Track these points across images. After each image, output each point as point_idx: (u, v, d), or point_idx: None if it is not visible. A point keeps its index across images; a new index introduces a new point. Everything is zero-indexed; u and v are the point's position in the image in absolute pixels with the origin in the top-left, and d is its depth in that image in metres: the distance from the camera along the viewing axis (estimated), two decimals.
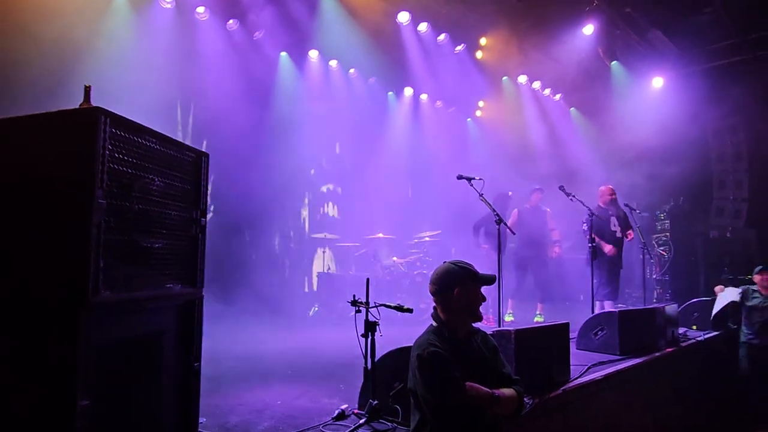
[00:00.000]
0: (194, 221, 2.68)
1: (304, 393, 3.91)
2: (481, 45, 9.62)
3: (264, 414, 3.35)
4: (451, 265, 2.55)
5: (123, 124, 2.16)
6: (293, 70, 8.92)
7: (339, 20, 8.13)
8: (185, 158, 2.63)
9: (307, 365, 4.86)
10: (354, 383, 3.63)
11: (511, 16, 8.36)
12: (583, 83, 10.56)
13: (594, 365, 4.64)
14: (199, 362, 2.65)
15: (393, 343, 3.28)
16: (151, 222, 2.37)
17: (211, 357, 3.27)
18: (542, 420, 3.54)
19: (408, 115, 10.85)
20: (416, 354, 2.40)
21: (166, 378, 2.45)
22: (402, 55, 9.14)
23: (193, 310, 2.65)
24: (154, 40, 6.65)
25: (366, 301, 3.15)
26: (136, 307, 2.29)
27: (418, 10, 8.55)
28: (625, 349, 5.08)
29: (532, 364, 3.65)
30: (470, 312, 2.51)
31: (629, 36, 9.26)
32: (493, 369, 2.54)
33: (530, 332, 3.83)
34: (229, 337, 5.80)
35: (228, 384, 4.05)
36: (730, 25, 8.63)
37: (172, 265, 2.52)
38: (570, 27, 8.71)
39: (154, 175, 2.38)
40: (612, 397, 4.48)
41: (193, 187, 2.68)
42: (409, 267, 8.41)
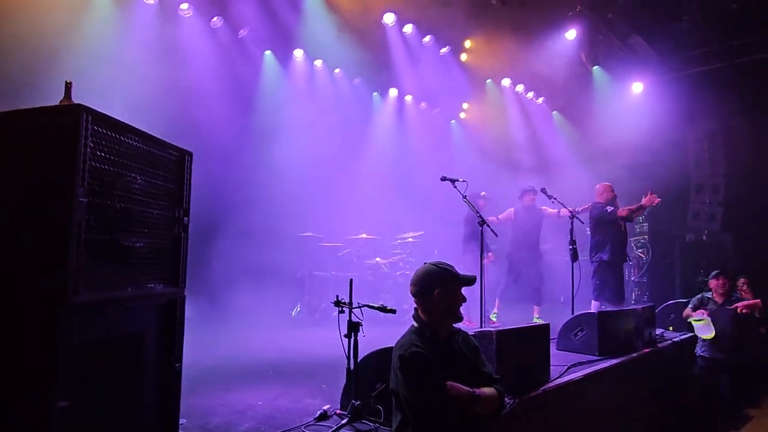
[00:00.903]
0: (177, 220, 2.66)
1: (286, 393, 3.90)
2: (466, 47, 9.68)
3: (245, 415, 3.34)
4: (432, 267, 2.57)
5: (105, 121, 2.14)
6: (278, 69, 8.87)
7: (324, 20, 8.11)
8: (168, 157, 2.62)
9: (288, 365, 4.85)
10: (336, 383, 3.64)
11: (495, 19, 8.42)
12: (566, 87, 10.70)
13: (573, 365, 4.71)
14: (181, 363, 2.64)
15: (375, 343, 3.29)
16: (133, 221, 2.35)
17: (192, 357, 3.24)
18: (522, 419, 3.58)
19: (392, 116, 10.88)
20: (398, 355, 2.42)
21: (147, 378, 2.44)
22: (387, 56, 9.15)
23: (174, 309, 2.63)
24: (136, 36, 6.55)
25: (349, 302, 3.16)
26: (116, 306, 2.27)
27: (404, 12, 8.57)
28: (604, 350, 5.16)
29: (512, 365, 3.69)
30: (450, 313, 2.53)
31: (611, 41, 9.41)
32: (474, 369, 2.57)
33: (511, 333, 3.87)
34: (210, 337, 5.76)
35: (209, 384, 4.03)
36: (708, 33, 8.82)
37: (154, 265, 2.51)
38: (553, 31, 8.82)
39: (136, 174, 2.36)
40: (591, 397, 4.55)
41: (176, 185, 2.67)
42: (392, 267, 8.43)
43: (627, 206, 6.81)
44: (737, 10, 8.01)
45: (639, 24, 8.92)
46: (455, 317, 2.55)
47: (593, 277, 6.81)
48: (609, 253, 6.70)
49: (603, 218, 6.78)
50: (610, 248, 6.71)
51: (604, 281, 6.75)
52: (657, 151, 9.93)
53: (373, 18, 8.49)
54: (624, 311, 5.72)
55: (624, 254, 7.02)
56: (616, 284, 6.83)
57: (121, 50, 6.29)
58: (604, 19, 8.79)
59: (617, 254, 6.80)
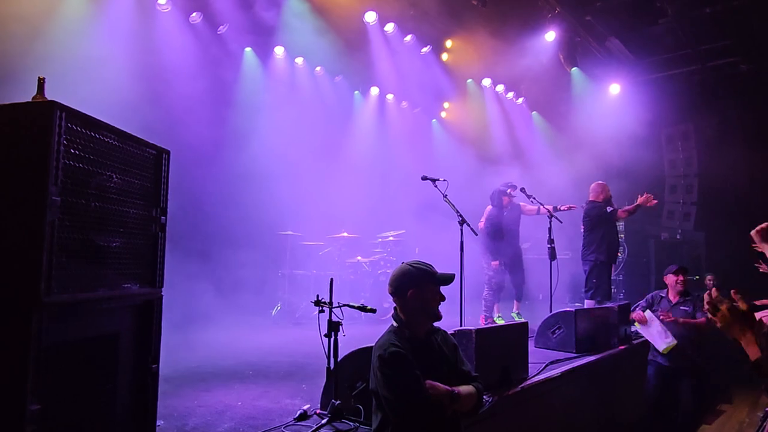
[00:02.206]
0: (154, 219, 2.63)
1: (266, 393, 3.87)
2: (447, 47, 9.73)
3: (224, 415, 3.31)
4: (407, 267, 2.57)
5: (79, 119, 2.10)
6: (258, 66, 8.79)
7: (305, 17, 8.07)
8: (145, 155, 2.58)
9: (268, 365, 4.81)
10: (316, 383, 3.64)
11: (476, 20, 8.48)
12: (545, 88, 10.84)
13: (551, 363, 4.79)
14: (158, 363, 2.60)
15: (356, 341, 3.30)
16: (108, 220, 2.31)
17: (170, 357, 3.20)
18: (501, 416, 3.62)
19: (373, 115, 10.87)
20: (377, 354, 2.43)
21: (122, 380, 2.40)
22: (368, 54, 9.14)
23: (151, 310, 2.59)
24: (112, 31, 6.39)
25: (329, 301, 3.15)
26: (91, 307, 2.22)
27: (385, 11, 8.58)
28: (581, 347, 5.26)
29: (491, 362, 3.74)
30: (427, 312, 2.53)
31: (589, 43, 9.55)
32: (453, 367, 2.59)
33: (490, 331, 3.92)
34: (188, 336, 5.68)
35: (187, 385, 3.98)
36: (682, 37, 9.02)
37: (130, 265, 2.47)
38: (533, 33, 8.92)
39: (112, 172, 2.32)
40: (568, 393, 4.63)
41: (153, 184, 2.63)
42: (372, 266, 8.44)
43: (622, 207, 6.93)
44: (710, 14, 8.20)
45: (616, 27, 9.07)
46: (432, 316, 2.55)
47: (589, 277, 6.79)
48: (606, 254, 6.70)
49: (602, 217, 6.76)
50: (606, 248, 6.72)
51: (600, 281, 6.73)
52: (633, 151, 10.12)
53: (354, 16, 8.47)
54: (600, 309, 5.84)
55: (616, 255, 7.11)
56: (608, 284, 6.93)
57: (96, 46, 6.14)
58: (582, 21, 8.92)
59: (612, 255, 6.89)
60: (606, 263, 6.74)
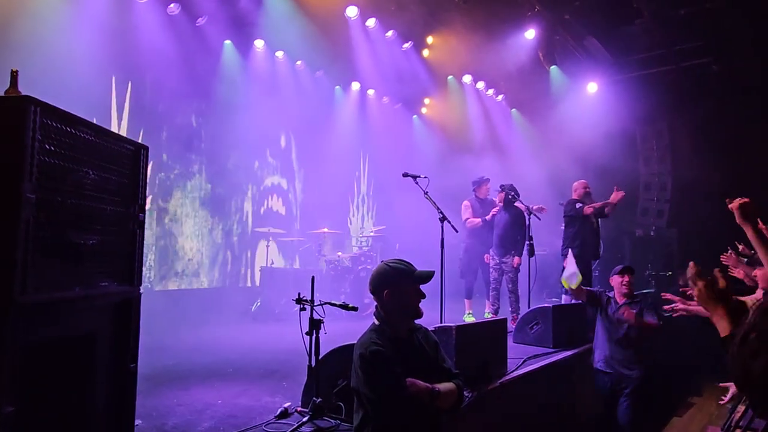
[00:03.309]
0: (132, 216, 2.58)
1: (246, 391, 3.85)
2: (428, 43, 9.75)
3: (204, 414, 3.28)
4: (384, 266, 2.56)
5: (55, 114, 2.05)
6: (237, 60, 8.68)
7: (286, 10, 7.99)
8: (123, 151, 2.53)
9: (248, 362, 4.77)
10: (297, 380, 3.63)
11: (457, 17, 8.52)
12: (524, 85, 10.94)
13: (529, 358, 4.87)
14: (136, 363, 2.56)
15: (337, 338, 3.30)
16: (85, 217, 2.27)
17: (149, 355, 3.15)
18: (481, 412, 3.67)
19: (354, 110, 10.85)
20: (359, 353, 2.43)
21: (100, 380, 2.36)
22: (349, 49, 9.11)
23: (129, 308, 2.55)
24: (86, 23, 6.22)
25: (311, 299, 3.15)
26: (67, 306, 2.18)
27: (367, 6, 8.55)
28: (558, 342, 5.35)
29: (471, 359, 3.77)
30: (405, 311, 2.52)
31: (567, 42, 9.68)
32: (434, 364, 2.60)
33: (470, 328, 3.96)
34: (167, 334, 5.61)
35: (166, 384, 3.93)
36: (657, 37, 9.20)
37: (108, 263, 2.42)
38: (513, 31, 9.00)
39: (89, 168, 2.27)
40: (546, 388, 4.71)
41: (131, 180, 2.58)
42: (353, 262, 8.44)
43: (592, 204, 7.03)
44: (685, 15, 8.37)
45: (594, 26, 9.21)
46: (412, 314, 2.54)
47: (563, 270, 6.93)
48: (578, 249, 6.87)
49: (571, 214, 6.98)
50: (579, 245, 6.87)
51: None
52: (609, 149, 10.29)
53: (336, 10, 8.42)
54: (576, 305, 5.94)
55: (595, 251, 7.20)
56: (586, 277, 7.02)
57: (69, 38, 5.96)
58: (561, 20, 9.03)
59: (587, 250, 7.00)
60: (577, 257, 6.87)
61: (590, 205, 6.92)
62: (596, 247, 7.17)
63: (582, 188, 7.14)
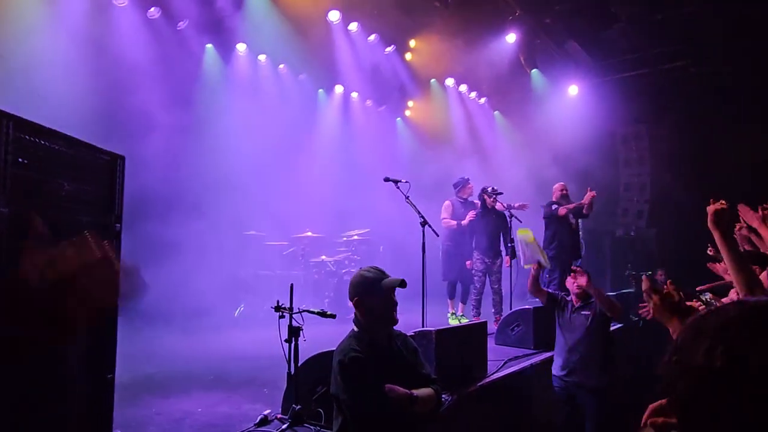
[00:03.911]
0: (108, 227, 2.58)
1: (226, 399, 3.84)
2: (411, 47, 9.80)
3: (183, 423, 3.27)
4: (359, 273, 2.60)
5: (29, 128, 2.05)
6: (219, 64, 8.64)
7: (268, 14, 7.98)
8: (98, 162, 2.53)
9: (229, 369, 4.75)
10: (279, 386, 3.63)
11: (438, 21, 8.58)
12: (507, 88, 11.06)
13: (510, 360, 4.93)
14: (113, 373, 2.56)
15: (319, 342, 3.31)
16: (60, 229, 2.26)
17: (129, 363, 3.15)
18: (460, 415, 3.71)
19: (338, 113, 10.85)
20: (338, 359, 2.46)
21: (76, 392, 2.35)
22: (332, 52, 9.12)
23: (106, 319, 2.55)
24: (64, 27, 6.15)
25: (290, 307, 3.16)
26: None
27: (349, 10, 8.57)
28: (538, 343, 5.43)
29: (451, 362, 3.82)
30: (379, 318, 2.54)
31: (548, 45, 9.80)
32: (413, 370, 2.63)
33: (450, 331, 4.01)
34: (148, 341, 5.57)
35: (145, 392, 3.91)
36: (636, 41, 9.36)
37: None
38: (494, 35, 9.09)
39: (64, 180, 2.27)
40: (526, 389, 4.77)
41: (108, 191, 2.58)
42: (337, 266, 8.44)
43: (567, 205, 7.16)
44: (661, 20, 8.53)
45: (574, 30, 9.34)
46: (386, 321, 2.56)
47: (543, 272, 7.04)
48: (556, 250, 7.02)
49: (551, 216, 7.16)
50: (557, 244, 7.05)
51: (551, 276, 7.05)
52: (590, 150, 10.44)
53: (318, 15, 8.43)
54: None
55: (575, 251, 7.29)
56: (561, 278, 7.09)
57: (48, 43, 5.89)
58: (541, 24, 9.14)
59: (564, 250, 7.10)
60: (556, 258, 6.99)
61: (564, 206, 7.04)
62: (575, 247, 7.29)
63: (559, 190, 7.31)
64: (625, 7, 8.27)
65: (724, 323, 0.72)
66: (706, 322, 0.74)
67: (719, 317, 0.73)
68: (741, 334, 0.69)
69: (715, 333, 0.71)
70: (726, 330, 0.70)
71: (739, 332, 0.69)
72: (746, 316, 0.71)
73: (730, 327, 0.71)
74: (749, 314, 0.71)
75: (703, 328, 0.73)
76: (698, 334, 0.73)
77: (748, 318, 0.71)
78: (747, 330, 0.69)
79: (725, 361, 0.68)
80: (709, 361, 0.69)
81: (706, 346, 0.70)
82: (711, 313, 0.76)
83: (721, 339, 0.70)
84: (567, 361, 4.42)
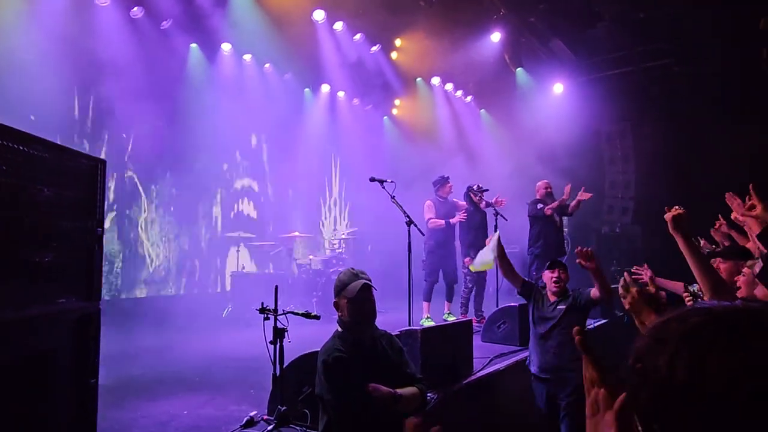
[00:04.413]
0: (89, 231, 2.57)
1: (212, 400, 3.83)
2: (396, 46, 9.81)
3: (168, 426, 3.26)
4: (341, 274, 2.62)
5: (6, 133, 2.03)
6: (204, 63, 8.58)
7: (252, 14, 7.94)
8: (79, 166, 2.52)
9: (216, 370, 4.74)
10: (265, 387, 3.63)
11: (423, 20, 8.60)
12: (492, 87, 11.11)
13: (496, 357, 4.97)
14: (97, 378, 2.55)
15: (306, 341, 3.32)
16: (40, 235, 2.25)
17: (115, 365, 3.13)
18: (446, 412, 3.74)
19: (325, 112, 10.83)
20: (321, 360, 2.48)
21: (59, 397, 2.34)
22: (318, 52, 9.10)
23: (89, 324, 2.54)
24: (45, 25, 6.06)
25: (274, 309, 3.17)
26: (24, 325, 2.17)
27: (334, 9, 8.55)
28: (524, 340, 5.46)
29: (437, 360, 3.85)
30: (359, 318, 2.55)
31: (533, 44, 9.86)
32: (397, 370, 2.66)
33: (435, 330, 4.04)
34: (133, 343, 5.53)
35: (130, 395, 3.89)
36: (619, 39, 9.45)
37: (65, 279, 2.41)
38: (479, 34, 9.12)
39: (43, 186, 2.26)
40: (512, 385, 4.81)
41: (88, 195, 2.57)
42: (325, 265, 8.44)
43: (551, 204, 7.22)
44: (644, 19, 8.63)
45: (558, 28, 9.40)
46: (359, 322, 2.56)
47: (529, 270, 7.08)
48: (541, 248, 7.06)
49: (533, 214, 7.18)
50: (542, 243, 7.06)
51: (538, 273, 7.04)
52: (575, 147, 10.52)
53: (302, 14, 8.40)
54: None
55: (559, 248, 7.33)
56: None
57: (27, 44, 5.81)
58: (526, 22, 9.19)
59: (550, 248, 7.14)
60: (541, 256, 7.01)
61: (549, 206, 7.10)
62: (560, 245, 7.35)
63: (543, 188, 7.35)
64: (608, 5, 8.35)
65: (687, 331, 0.65)
66: (669, 328, 0.67)
67: (682, 324, 0.67)
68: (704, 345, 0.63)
69: (678, 342, 0.65)
70: (689, 339, 0.64)
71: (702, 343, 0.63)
72: (711, 326, 0.64)
73: (694, 337, 0.64)
74: (714, 324, 0.65)
75: (665, 335, 0.67)
76: (660, 341, 0.67)
77: (713, 329, 0.64)
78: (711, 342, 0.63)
79: (687, 374, 0.62)
80: (670, 373, 0.63)
81: (668, 356, 0.64)
82: (674, 318, 0.69)
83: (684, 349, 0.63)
84: (543, 360, 4.06)
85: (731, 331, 0.63)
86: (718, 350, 0.62)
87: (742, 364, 0.60)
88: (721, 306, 0.68)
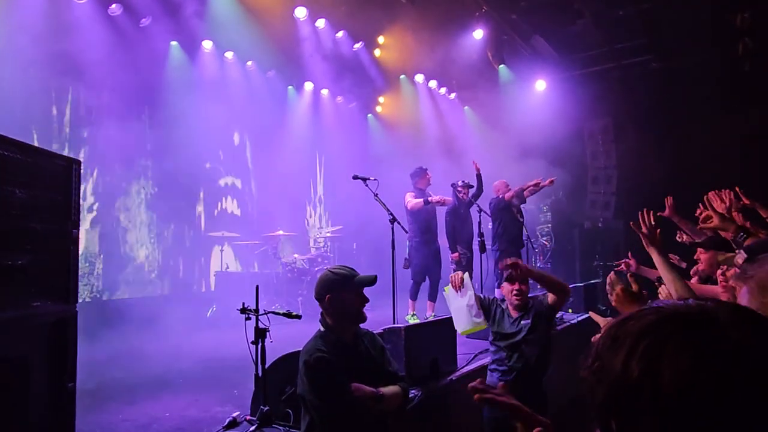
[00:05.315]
0: (64, 233, 2.53)
1: (195, 402, 3.81)
2: (379, 43, 9.79)
3: (150, 429, 3.24)
4: (326, 273, 2.61)
5: None
6: (185, 61, 8.48)
7: (233, 11, 7.87)
8: (53, 167, 2.48)
9: (200, 371, 4.71)
10: (249, 387, 3.59)
11: (405, 17, 8.59)
12: (475, 84, 11.14)
13: (480, 353, 4.99)
14: (74, 381, 2.52)
15: (289, 341, 3.30)
16: (13, 237, 2.22)
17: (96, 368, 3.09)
18: (428, 410, 3.75)
19: (308, 110, 10.79)
20: (303, 360, 2.47)
21: (36, 402, 2.31)
22: (301, 49, 9.05)
23: (65, 327, 2.51)
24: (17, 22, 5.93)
25: (255, 308, 3.15)
26: None
27: (315, 6, 8.50)
28: None
29: (421, 358, 3.85)
30: (348, 316, 2.56)
31: (515, 41, 9.91)
32: (380, 369, 2.66)
33: (419, 327, 4.05)
34: (115, 345, 5.46)
35: (111, 398, 3.84)
36: (599, 36, 9.55)
37: (41, 282, 2.38)
38: (462, 31, 9.14)
39: (15, 188, 2.22)
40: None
41: (63, 197, 2.53)
42: (310, 263, 8.43)
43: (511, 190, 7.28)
44: (623, 17, 8.73)
45: (540, 25, 9.46)
46: (355, 319, 2.58)
47: (495, 268, 6.95)
48: (506, 243, 7.09)
49: (498, 208, 7.20)
50: (506, 238, 7.09)
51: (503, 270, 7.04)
52: (558, 144, 10.61)
53: (284, 11, 8.34)
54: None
55: (519, 241, 7.37)
56: None
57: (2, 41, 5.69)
58: (508, 19, 9.23)
59: (513, 242, 7.18)
60: (507, 251, 6.98)
61: (508, 193, 7.16)
62: (520, 237, 7.40)
63: (503, 186, 7.43)
64: (587, 3, 8.42)
65: (642, 330, 0.66)
66: (626, 326, 0.68)
67: (638, 322, 0.67)
68: (658, 343, 0.64)
69: (633, 340, 0.66)
70: (642, 338, 0.65)
71: (656, 341, 0.64)
72: (665, 325, 0.66)
73: (648, 335, 0.65)
74: (668, 322, 0.66)
75: (622, 334, 0.68)
76: (617, 339, 0.68)
77: (667, 327, 0.65)
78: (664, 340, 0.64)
79: (641, 372, 0.63)
80: (625, 371, 0.64)
81: (624, 353, 0.65)
82: (632, 316, 0.70)
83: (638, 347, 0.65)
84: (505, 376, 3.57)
85: (685, 328, 0.64)
86: (671, 348, 0.63)
87: (693, 362, 0.61)
88: (676, 304, 0.69)
